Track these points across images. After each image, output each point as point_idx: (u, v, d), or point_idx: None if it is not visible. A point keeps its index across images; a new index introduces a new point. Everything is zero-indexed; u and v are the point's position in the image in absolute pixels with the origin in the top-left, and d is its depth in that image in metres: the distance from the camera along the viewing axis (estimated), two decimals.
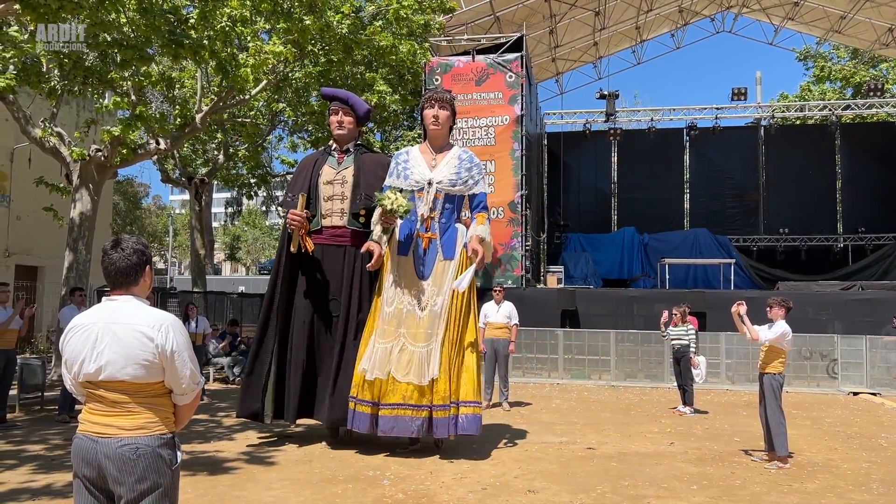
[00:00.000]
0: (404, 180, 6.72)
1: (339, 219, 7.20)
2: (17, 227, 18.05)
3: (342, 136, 7.37)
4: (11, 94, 11.85)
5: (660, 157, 24.30)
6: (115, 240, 2.68)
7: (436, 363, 6.28)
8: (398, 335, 6.44)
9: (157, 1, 10.15)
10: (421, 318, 6.44)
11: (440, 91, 6.92)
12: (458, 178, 6.65)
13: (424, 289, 6.51)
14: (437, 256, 6.58)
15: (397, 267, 6.63)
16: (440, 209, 6.65)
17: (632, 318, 15.52)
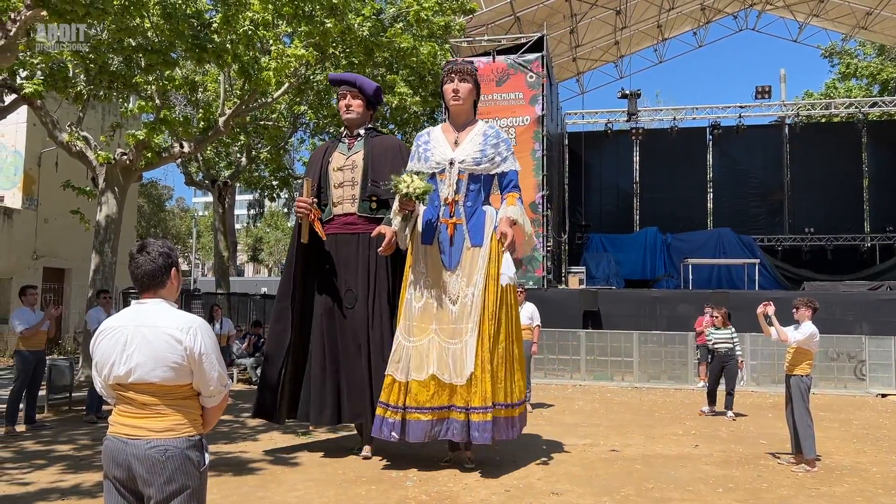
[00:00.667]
0: (425, 162, 6.14)
1: (350, 205, 6.84)
2: (45, 230, 18.34)
3: (351, 121, 7.01)
4: (39, 100, 12.05)
5: (682, 157, 24.12)
6: (141, 244, 2.71)
7: (471, 360, 5.68)
8: (430, 332, 5.88)
9: (181, 6, 10.26)
10: (452, 312, 5.88)
11: (460, 62, 6.23)
12: (483, 155, 5.97)
13: (453, 280, 5.93)
14: (465, 243, 5.96)
15: (423, 257, 6.06)
16: (465, 191, 6.01)
17: (655, 319, 15.41)
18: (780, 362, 9.22)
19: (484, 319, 5.77)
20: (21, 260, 17.72)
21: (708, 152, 24.63)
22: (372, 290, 6.70)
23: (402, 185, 5.74)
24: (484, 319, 5.77)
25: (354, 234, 6.83)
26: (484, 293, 5.81)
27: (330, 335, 6.78)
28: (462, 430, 5.73)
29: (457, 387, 5.73)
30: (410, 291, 6.09)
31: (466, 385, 5.72)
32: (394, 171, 6.28)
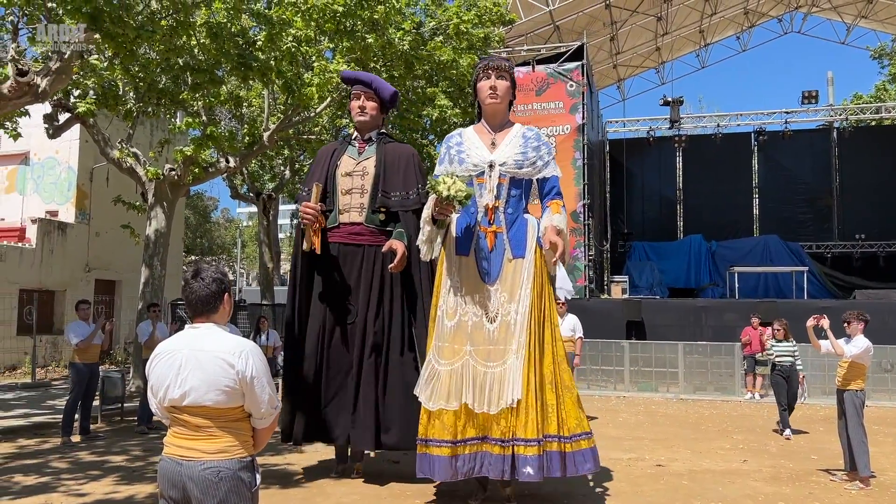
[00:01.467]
0: (459, 165, 5.44)
1: (357, 215, 6.31)
2: (97, 244, 18.87)
3: (364, 123, 6.44)
4: (91, 118, 12.46)
5: (727, 163, 23.75)
6: (195, 269, 2.80)
7: (517, 385, 4.99)
8: (464, 354, 5.19)
9: (226, 25, 10.51)
10: (491, 332, 5.19)
11: (496, 58, 5.58)
12: (525, 158, 5.36)
13: (492, 295, 5.26)
14: (505, 254, 5.31)
15: (457, 270, 5.39)
16: (506, 197, 5.36)
17: (700, 329, 15.19)
18: (832, 373, 9.00)
19: (532, 340, 5.11)
20: (74, 273, 18.25)
21: (753, 158, 24.21)
22: (374, 306, 6.21)
23: (441, 186, 5.03)
24: (532, 340, 5.11)
25: (360, 245, 6.35)
26: (530, 311, 5.15)
27: (327, 350, 6.28)
28: (499, 465, 5.02)
29: (491, 416, 5.04)
30: (442, 307, 5.40)
31: (507, 414, 5.02)
32: (406, 181, 5.96)
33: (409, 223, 6.10)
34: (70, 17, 8.87)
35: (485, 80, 5.48)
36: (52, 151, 18.36)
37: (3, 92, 8.83)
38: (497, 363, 5.10)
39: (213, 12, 11.04)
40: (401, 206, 6.10)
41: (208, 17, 10.85)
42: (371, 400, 6.03)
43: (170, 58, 10.44)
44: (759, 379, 13.05)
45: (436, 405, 5.15)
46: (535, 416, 4.99)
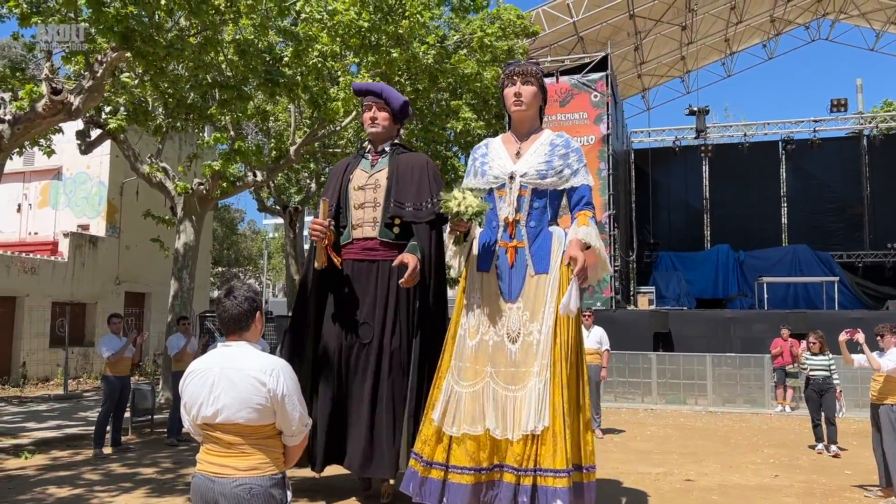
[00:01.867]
0: (481, 177, 5.17)
1: (370, 229, 6.03)
2: (127, 257, 19.17)
3: (376, 135, 6.17)
4: (122, 134, 12.69)
5: (754, 172, 23.53)
6: (228, 288, 2.85)
7: (544, 410, 4.60)
8: (486, 375, 4.84)
9: (254, 41, 10.67)
10: (513, 353, 4.82)
11: (521, 63, 5.25)
12: (550, 167, 4.98)
13: (513, 313, 4.93)
14: (527, 270, 4.96)
15: (479, 287, 5.11)
16: (527, 209, 5.02)
17: (728, 341, 15.02)
18: (865, 386, 8.85)
19: (557, 361, 4.69)
20: (105, 285, 18.55)
21: (781, 167, 23.96)
22: (389, 325, 5.92)
23: (452, 202, 4.79)
24: (557, 361, 4.69)
25: (374, 261, 6.06)
26: (554, 330, 4.75)
27: (339, 371, 5.97)
28: (509, 494, 4.61)
29: (511, 442, 4.65)
30: (463, 326, 5.11)
31: (528, 440, 4.63)
32: (419, 191, 5.62)
33: (423, 235, 5.78)
34: (102, 37, 9.07)
35: (510, 87, 5.14)
36: (83, 167, 18.73)
37: (38, 110, 9.04)
38: (519, 386, 4.72)
39: (241, 28, 11.22)
40: (414, 218, 5.75)
41: (236, 34, 11.03)
42: (389, 425, 5.73)
43: (198, 74, 10.62)
44: (789, 391, 12.86)
45: (459, 430, 4.78)
46: (565, 445, 4.57)
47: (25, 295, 16.43)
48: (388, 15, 11.29)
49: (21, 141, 10.06)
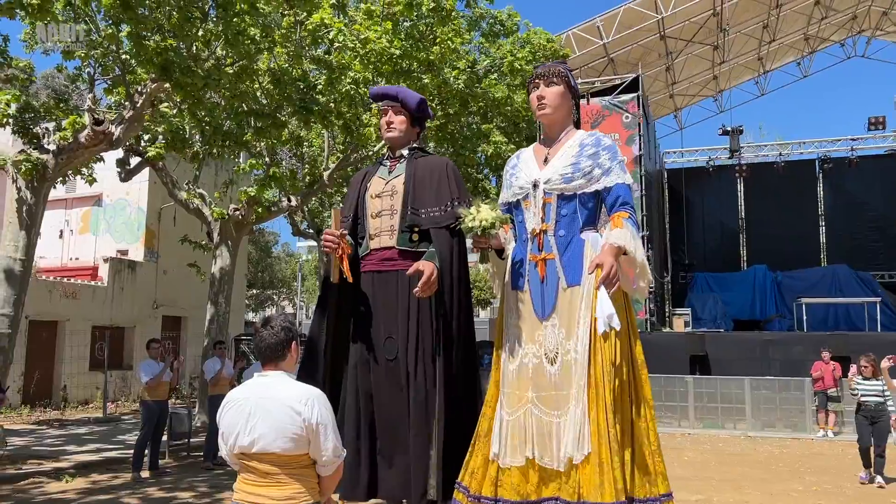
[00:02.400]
0: (508, 189, 4.85)
1: (388, 238, 5.58)
2: (164, 281, 19.52)
3: (394, 140, 5.65)
4: (160, 161, 12.99)
5: (791, 191, 23.15)
6: (265, 318, 2.92)
7: (583, 437, 4.22)
8: (527, 401, 4.50)
9: (288, 70, 10.88)
10: (552, 375, 4.42)
11: (546, 65, 4.79)
12: (576, 169, 4.54)
13: (549, 331, 4.50)
14: (559, 284, 4.49)
15: (515, 306, 4.77)
16: (554, 218, 4.60)
17: (767, 363, 14.71)
18: None
19: (598, 381, 4.30)
20: (143, 309, 18.89)
21: (818, 186, 23.54)
22: (414, 338, 5.49)
23: (467, 217, 4.53)
24: (598, 381, 4.30)
25: (393, 271, 5.60)
26: (591, 346, 4.37)
27: (365, 392, 5.57)
28: None
29: (560, 473, 4.35)
30: (505, 350, 4.83)
31: (574, 471, 4.29)
32: (439, 195, 5.21)
33: (443, 241, 5.32)
34: (143, 68, 9.34)
35: (533, 91, 4.74)
36: (123, 193, 19.18)
37: (81, 140, 9.32)
38: (562, 411, 4.36)
39: (275, 57, 11.46)
40: (432, 223, 5.33)
41: (270, 63, 11.27)
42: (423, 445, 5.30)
43: (234, 103, 10.85)
44: (831, 415, 12.56)
45: (504, 461, 4.50)
46: (613, 475, 4.13)
47: (66, 319, 16.80)
48: (419, 42, 11.44)
49: (65, 170, 10.37)
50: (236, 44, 9.28)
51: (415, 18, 11.54)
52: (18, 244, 9.34)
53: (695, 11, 19.37)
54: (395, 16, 11.31)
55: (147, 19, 8.78)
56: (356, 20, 11.79)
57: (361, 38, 10.79)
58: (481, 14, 14.97)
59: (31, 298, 10.72)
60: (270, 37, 10.49)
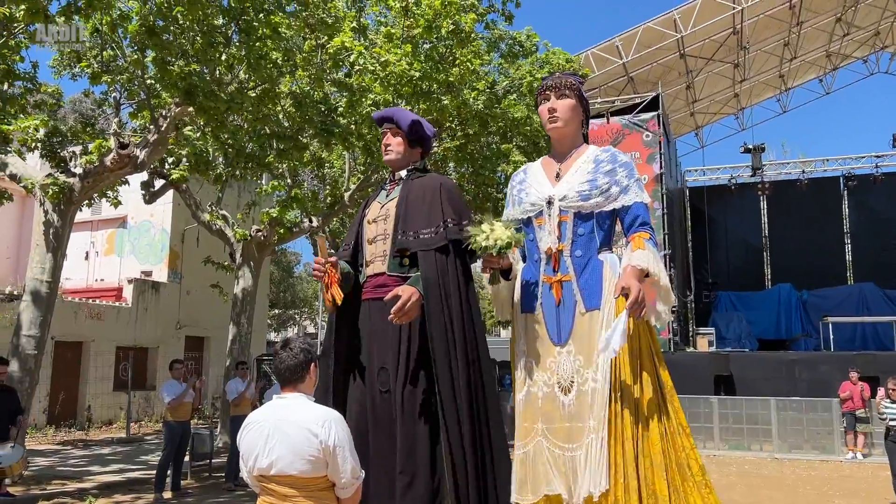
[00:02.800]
0: (518, 206, 4.49)
1: (381, 264, 5.23)
2: (187, 302, 19.69)
3: (392, 163, 5.23)
4: (184, 183, 13.17)
5: (815, 209, 22.89)
6: (284, 341, 2.94)
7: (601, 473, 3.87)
8: (536, 434, 4.18)
9: (310, 93, 11.02)
10: (565, 406, 4.10)
11: (556, 76, 4.47)
12: (594, 186, 4.25)
13: (564, 359, 4.19)
14: (576, 308, 4.19)
15: (524, 330, 4.45)
16: (570, 237, 4.28)
17: (794, 383, 14.49)
18: None
19: (619, 414, 3.97)
20: (166, 330, 19.06)
21: (843, 203, 23.27)
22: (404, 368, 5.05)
23: (479, 236, 4.20)
24: (619, 414, 3.97)
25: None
26: (612, 376, 4.04)
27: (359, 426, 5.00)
28: None
29: None
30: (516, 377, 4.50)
31: None
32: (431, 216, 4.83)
33: (430, 264, 4.89)
34: (167, 92, 9.50)
35: (543, 104, 4.40)
36: (147, 215, 19.43)
37: (107, 164, 9.48)
38: (577, 444, 4.01)
39: (297, 80, 11.61)
40: (422, 246, 4.93)
41: (292, 86, 11.41)
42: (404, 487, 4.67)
43: (257, 125, 10.99)
44: (860, 437, 12.31)
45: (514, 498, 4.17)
46: None
47: (91, 340, 16.99)
48: (438, 63, 11.52)
49: (90, 193, 10.54)
50: (259, 68, 9.41)
51: (434, 40, 11.63)
52: (45, 266, 9.49)
53: (715, 30, 19.36)
54: (414, 38, 11.41)
55: (172, 45, 8.96)
56: (376, 43, 11.91)
57: (381, 60, 10.89)
58: (500, 35, 15.05)
59: (56, 319, 10.86)
60: (292, 60, 10.64)
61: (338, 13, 11.77)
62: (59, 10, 8.58)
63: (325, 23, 11.09)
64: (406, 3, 11.65)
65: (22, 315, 9.35)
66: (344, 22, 11.62)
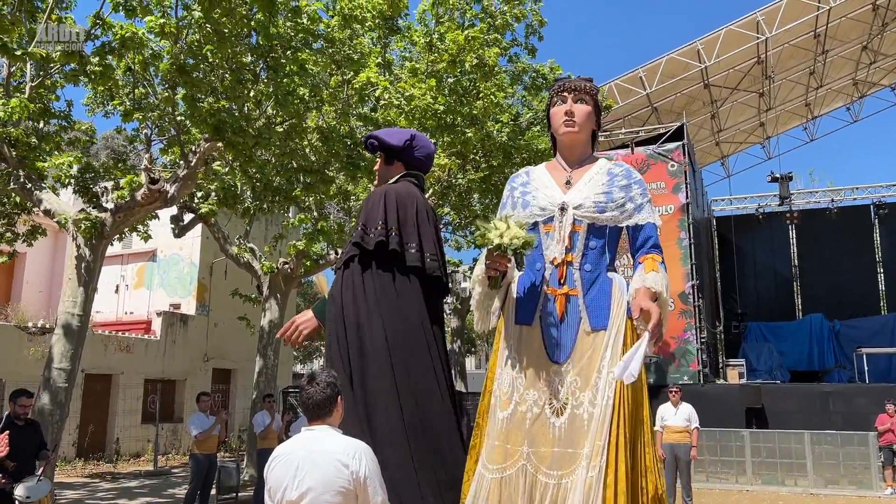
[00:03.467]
0: (522, 209, 4.05)
1: None
2: (215, 334, 19.84)
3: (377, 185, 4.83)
4: (213, 217, 13.36)
5: (845, 237, 22.54)
6: (310, 375, 2.93)
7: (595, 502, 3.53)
8: (520, 457, 3.74)
9: (336, 127, 11.17)
10: (557, 428, 3.77)
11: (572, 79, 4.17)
12: (609, 199, 3.95)
13: (561, 379, 3.84)
14: (581, 325, 3.88)
15: (517, 344, 3.98)
16: (581, 249, 3.96)
17: (828, 416, 14.15)
18: None
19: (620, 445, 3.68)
20: (194, 362, 19.19)
21: (874, 232, 22.89)
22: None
23: (492, 233, 3.74)
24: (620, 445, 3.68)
25: None
26: (618, 403, 3.73)
27: None
28: None
29: None
30: (496, 394, 3.97)
31: None
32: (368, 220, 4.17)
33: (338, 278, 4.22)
34: (197, 129, 9.70)
35: (559, 105, 4.08)
36: (176, 248, 19.72)
37: (137, 199, 9.66)
38: (566, 472, 3.67)
39: (323, 115, 11.79)
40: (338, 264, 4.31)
41: (319, 120, 11.58)
42: None
43: (284, 160, 11.16)
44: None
45: None
46: None
47: (121, 373, 17.16)
48: (462, 97, 11.65)
49: (122, 228, 10.73)
50: (286, 103, 9.58)
51: (458, 74, 11.77)
52: (77, 300, 9.64)
53: (739, 60, 19.35)
54: (439, 73, 11.56)
55: (201, 82, 9.16)
56: (401, 78, 12.09)
57: (406, 94, 11.04)
58: (524, 68, 15.20)
59: (86, 352, 11.00)
60: (319, 96, 10.83)
61: (363, 49, 11.98)
62: (93, 50, 8.85)
63: (351, 59, 11.28)
64: (430, 39, 11.83)
65: (54, 348, 9.49)
66: (369, 58, 11.82)
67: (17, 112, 8.27)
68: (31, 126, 10.12)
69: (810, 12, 18.27)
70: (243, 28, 9.28)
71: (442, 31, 12.11)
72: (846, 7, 18.70)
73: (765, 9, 18.08)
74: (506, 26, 13.25)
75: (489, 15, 13.12)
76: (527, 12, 13.74)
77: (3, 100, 8.69)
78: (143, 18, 8.58)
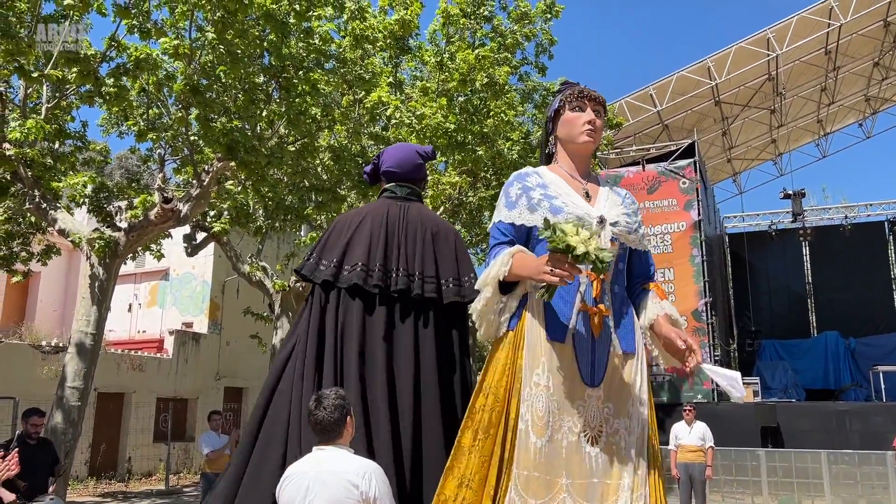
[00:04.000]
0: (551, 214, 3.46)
1: None
2: (227, 353, 19.87)
3: None
4: (225, 236, 13.44)
5: (860, 254, 22.37)
6: (317, 398, 2.87)
7: None
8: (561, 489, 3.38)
9: (347, 146, 11.25)
10: (591, 458, 3.43)
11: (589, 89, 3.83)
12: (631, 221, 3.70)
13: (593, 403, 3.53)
14: (612, 348, 3.56)
15: (547, 363, 3.53)
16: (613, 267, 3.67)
17: (845, 436, 13.97)
18: None
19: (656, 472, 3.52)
20: (206, 381, 19.21)
21: (889, 248, 22.71)
22: None
23: (571, 237, 3.12)
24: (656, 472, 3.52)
25: None
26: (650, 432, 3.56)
27: None
28: None
29: None
30: (526, 419, 3.53)
31: None
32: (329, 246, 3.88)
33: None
34: (209, 148, 9.79)
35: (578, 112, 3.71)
36: (189, 267, 19.81)
37: (151, 218, 9.74)
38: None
39: (335, 134, 11.87)
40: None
41: (330, 140, 11.67)
42: None
43: (296, 179, 11.24)
44: None
45: None
46: None
47: (133, 391, 17.19)
48: (473, 116, 11.69)
49: (135, 247, 10.81)
50: (298, 123, 9.66)
51: (469, 93, 11.84)
52: (90, 319, 9.69)
53: (749, 77, 19.36)
54: (449, 92, 11.62)
55: (214, 103, 9.26)
56: (412, 97, 12.16)
57: (417, 113, 11.10)
58: (534, 87, 15.26)
59: (99, 371, 11.04)
60: (330, 115, 10.91)
61: (375, 69, 12.08)
62: (108, 71, 8.98)
63: (363, 79, 11.38)
64: (441, 58, 11.91)
65: (67, 367, 9.53)
66: (380, 77, 11.91)
67: (34, 133, 8.38)
68: (47, 147, 10.25)
69: (821, 29, 18.27)
70: (256, 49, 9.39)
71: (452, 50, 12.20)
72: (857, 24, 18.70)
73: (775, 26, 18.10)
74: (516, 45, 13.34)
75: (499, 34, 13.21)
76: (537, 31, 13.83)
77: (20, 121, 8.81)
78: (157, 40, 8.70)
